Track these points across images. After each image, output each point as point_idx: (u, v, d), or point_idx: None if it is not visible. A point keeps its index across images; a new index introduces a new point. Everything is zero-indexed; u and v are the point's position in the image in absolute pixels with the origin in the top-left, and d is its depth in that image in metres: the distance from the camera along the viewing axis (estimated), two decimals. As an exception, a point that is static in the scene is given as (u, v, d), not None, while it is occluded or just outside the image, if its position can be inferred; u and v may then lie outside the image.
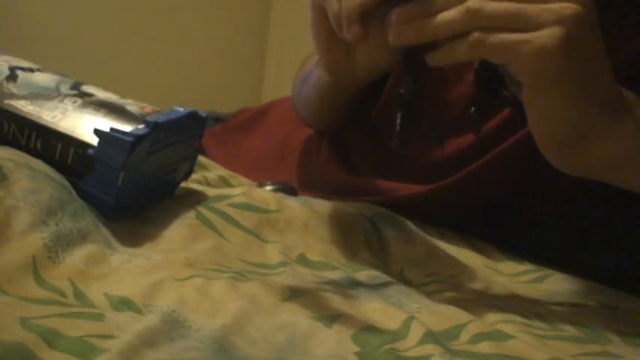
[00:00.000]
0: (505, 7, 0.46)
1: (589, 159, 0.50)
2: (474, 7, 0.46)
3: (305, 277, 0.53)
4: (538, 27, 0.45)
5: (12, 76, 0.58)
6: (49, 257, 0.45)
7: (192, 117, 0.58)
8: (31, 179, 0.49)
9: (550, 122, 0.49)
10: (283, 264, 0.54)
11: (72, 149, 0.54)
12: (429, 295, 0.53)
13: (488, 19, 0.46)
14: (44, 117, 0.55)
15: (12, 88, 0.57)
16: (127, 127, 0.53)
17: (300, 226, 0.60)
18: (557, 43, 0.45)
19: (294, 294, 0.47)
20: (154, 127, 0.52)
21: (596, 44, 0.48)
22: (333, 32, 0.53)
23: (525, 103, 0.49)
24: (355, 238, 0.61)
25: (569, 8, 0.45)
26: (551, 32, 0.45)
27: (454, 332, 0.46)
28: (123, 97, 0.60)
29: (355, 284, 0.53)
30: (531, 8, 0.46)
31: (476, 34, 0.46)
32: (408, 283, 0.56)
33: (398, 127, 0.51)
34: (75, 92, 0.58)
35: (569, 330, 0.50)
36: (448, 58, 0.48)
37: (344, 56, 0.57)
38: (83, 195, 0.53)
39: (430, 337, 0.43)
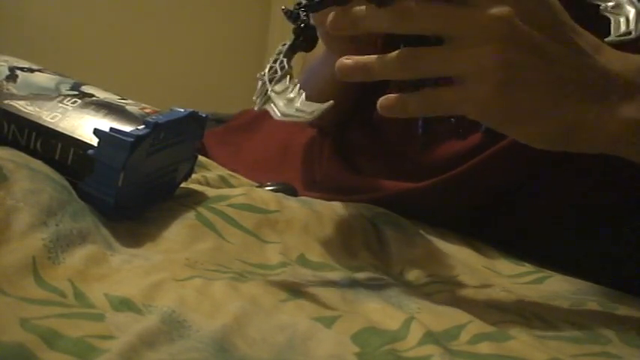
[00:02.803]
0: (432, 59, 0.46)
1: (587, 142, 0.49)
2: (402, 57, 0.46)
3: (305, 277, 0.53)
4: (469, 69, 0.45)
5: (12, 77, 0.58)
6: (49, 258, 0.45)
7: (193, 117, 0.58)
8: (31, 180, 0.49)
9: (533, 138, 0.49)
10: (283, 264, 0.54)
11: (72, 149, 0.54)
12: (429, 295, 0.53)
13: (422, 68, 0.47)
14: (44, 117, 0.55)
15: (12, 88, 0.57)
16: (127, 128, 0.53)
17: (300, 227, 0.60)
18: (495, 91, 0.45)
19: (294, 294, 0.47)
20: (154, 128, 0.52)
21: (541, 47, 0.46)
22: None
23: (505, 133, 0.50)
24: (355, 239, 0.61)
25: (488, 50, 0.45)
26: (485, 84, 0.45)
27: (454, 332, 0.46)
28: (123, 97, 0.60)
29: (355, 285, 0.53)
30: (454, 55, 0.46)
31: (416, 97, 0.47)
32: (407, 283, 0.56)
33: (421, 130, 0.51)
34: (75, 92, 0.58)
35: (569, 330, 0.50)
36: (403, 114, 0.49)
37: (355, 52, 0.57)
38: (83, 195, 0.53)
39: (430, 337, 0.43)
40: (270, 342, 0.41)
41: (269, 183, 0.71)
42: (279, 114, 0.47)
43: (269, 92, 0.48)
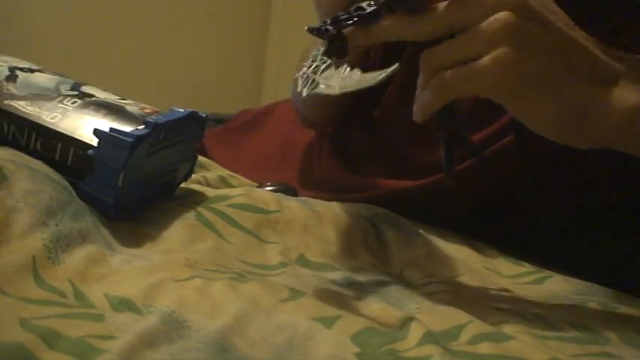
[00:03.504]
0: (447, 46, 0.47)
1: (592, 130, 0.49)
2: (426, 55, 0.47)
3: (305, 277, 0.53)
4: (483, 52, 0.46)
5: (12, 77, 0.58)
6: (49, 258, 0.45)
7: (192, 117, 0.58)
8: (31, 180, 0.49)
9: (546, 120, 0.48)
10: (283, 264, 0.54)
11: (72, 150, 0.54)
12: (429, 295, 0.53)
13: (439, 61, 0.47)
14: (44, 117, 0.55)
15: (12, 88, 0.57)
16: (126, 128, 0.53)
17: (299, 227, 0.60)
18: (506, 60, 0.45)
19: (294, 295, 0.47)
20: (154, 128, 0.52)
21: (552, 23, 0.47)
22: None
23: (515, 116, 0.49)
24: (355, 239, 0.61)
25: (499, 21, 0.45)
26: (497, 53, 0.45)
27: (454, 333, 0.46)
28: (123, 97, 0.60)
29: (355, 285, 0.53)
30: (468, 39, 0.46)
31: (432, 82, 0.47)
32: (407, 283, 0.56)
33: (446, 163, 0.51)
34: (75, 93, 0.58)
35: (569, 330, 0.50)
36: (425, 110, 0.48)
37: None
38: (83, 195, 0.53)
39: (430, 337, 0.43)
40: (270, 342, 0.41)
41: (269, 183, 0.72)
42: (337, 89, 0.47)
43: (316, 79, 0.49)
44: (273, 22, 2.40)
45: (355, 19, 0.47)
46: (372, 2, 0.48)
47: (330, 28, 0.48)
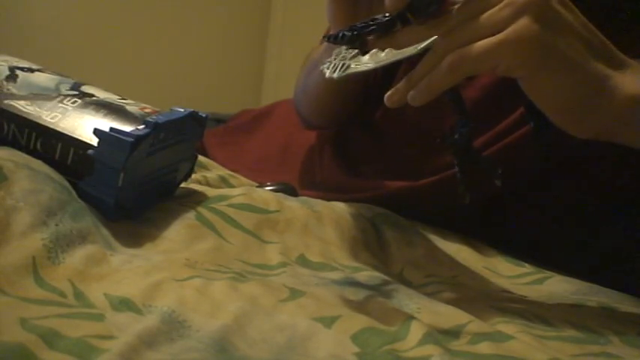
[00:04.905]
0: (469, 21, 0.47)
1: (608, 113, 0.49)
2: (445, 34, 0.47)
3: (305, 277, 0.53)
4: (506, 25, 0.46)
5: (12, 77, 0.58)
6: (49, 258, 0.45)
7: (193, 117, 0.58)
8: (31, 180, 0.49)
9: (558, 96, 0.49)
10: (283, 264, 0.54)
11: (72, 149, 0.54)
12: (429, 295, 0.53)
13: (460, 38, 0.47)
14: (44, 117, 0.55)
15: (12, 88, 0.57)
16: (126, 128, 0.53)
17: (300, 227, 0.60)
18: (530, 30, 0.46)
19: (294, 295, 0.47)
20: (154, 128, 0.52)
21: (573, 8, 0.48)
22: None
23: (529, 94, 0.49)
24: (355, 239, 0.61)
25: None
26: (521, 24, 0.46)
27: (454, 333, 0.46)
28: (123, 97, 0.60)
29: (355, 285, 0.53)
30: (491, 13, 0.47)
31: (449, 58, 0.47)
32: (407, 283, 0.56)
33: (459, 175, 0.51)
34: (75, 92, 0.58)
35: (569, 331, 0.50)
36: (432, 90, 0.48)
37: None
38: (83, 195, 0.53)
39: (430, 337, 0.43)
40: (270, 342, 0.41)
41: (269, 183, 0.71)
42: (372, 64, 0.47)
43: (346, 62, 0.48)
44: (273, 22, 2.40)
45: (373, 27, 0.48)
46: (387, 15, 0.48)
47: (347, 34, 0.49)
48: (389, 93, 0.50)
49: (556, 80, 0.48)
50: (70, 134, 0.54)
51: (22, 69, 0.60)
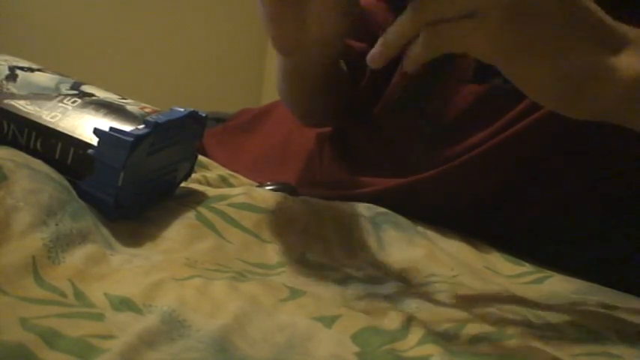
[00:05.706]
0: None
1: (604, 97, 0.46)
2: (417, 7, 0.45)
3: (305, 277, 0.53)
4: (479, 8, 0.44)
5: (12, 76, 0.58)
6: (49, 257, 0.45)
7: (193, 117, 0.58)
8: (31, 179, 0.49)
9: (544, 86, 0.46)
10: (283, 264, 0.54)
11: (72, 149, 0.54)
12: (429, 295, 0.53)
13: (434, 14, 0.45)
14: (44, 117, 0.55)
15: (12, 88, 0.57)
16: (127, 127, 0.53)
17: (300, 227, 0.60)
18: (498, 19, 0.44)
19: (294, 294, 0.47)
20: (154, 127, 0.52)
21: None
22: (281, 2, 0.53)
23: (511, 80, 0.47)
24: (355, 239, 0.61)
25: None
26: (489, 12, 0.44)
27: (454, 332, 0.46)
28: (123, 97, 0.60)
29: (355, 284, 0.53)
30: None
31: (424, 33, 0.46)
32: (407, 283, 0.56)
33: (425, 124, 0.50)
34: (75, 92, 0.58)
35: (569, 330, 0.50)
36: (413, 61, 0.47)
37: (294, 30, 0.56)
38: (83, 195, 0.53)
39: (430, 337, 0.43)
40: (270, 342, 0.41)
41: (269, 183, 0.71)
42: None
43: None
44: (273, 22, 2.40)
45: None
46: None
47: None
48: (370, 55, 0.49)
49: (534, 72, 0.46)
50: (70, 134, 0.54)
51: (22, 69, 0.60)
